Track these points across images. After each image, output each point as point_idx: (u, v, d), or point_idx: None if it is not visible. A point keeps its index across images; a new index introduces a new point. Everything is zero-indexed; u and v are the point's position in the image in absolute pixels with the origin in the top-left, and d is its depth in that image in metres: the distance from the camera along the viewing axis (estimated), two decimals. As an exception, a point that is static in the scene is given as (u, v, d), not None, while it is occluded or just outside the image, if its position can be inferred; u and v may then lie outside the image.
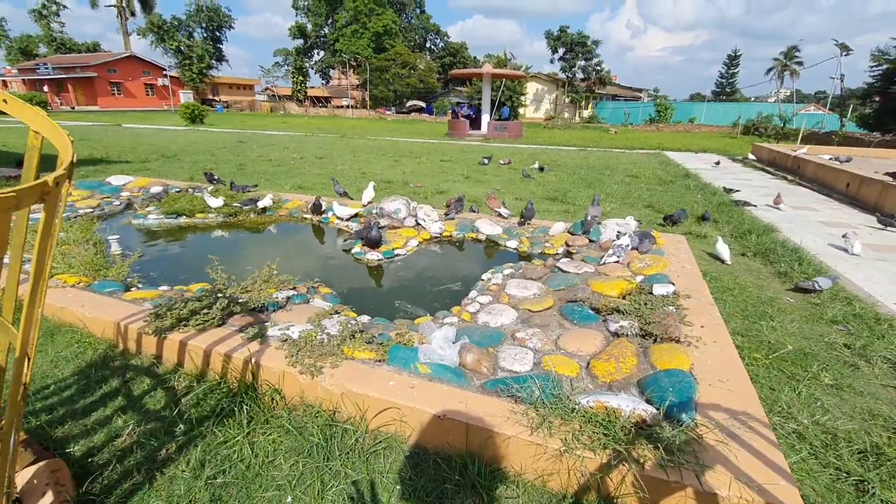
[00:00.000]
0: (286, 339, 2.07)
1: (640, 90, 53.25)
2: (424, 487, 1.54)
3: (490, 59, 43.11)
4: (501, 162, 10.61)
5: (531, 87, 43.06)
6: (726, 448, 1.46)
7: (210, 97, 48.57)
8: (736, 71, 62.52)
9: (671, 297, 2.65)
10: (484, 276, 3.27)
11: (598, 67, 42.82)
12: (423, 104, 46.38)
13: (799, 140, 20.04)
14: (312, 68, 55.30)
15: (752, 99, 56.66)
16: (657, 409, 1.60)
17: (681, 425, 1.52)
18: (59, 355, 2.26)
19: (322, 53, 54.29)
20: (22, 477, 1.43)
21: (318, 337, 2.06)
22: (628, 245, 3.47)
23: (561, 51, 43.16)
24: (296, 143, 15.14)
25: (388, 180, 8.21)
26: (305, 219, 4.93)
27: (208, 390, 1.98)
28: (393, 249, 3.82)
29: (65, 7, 51.82)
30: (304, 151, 12.44)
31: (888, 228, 5.75)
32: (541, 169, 9.80)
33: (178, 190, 5.43)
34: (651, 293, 2.71)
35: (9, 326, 1.09)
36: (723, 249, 4.27)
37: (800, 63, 50.10)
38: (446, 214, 4.61)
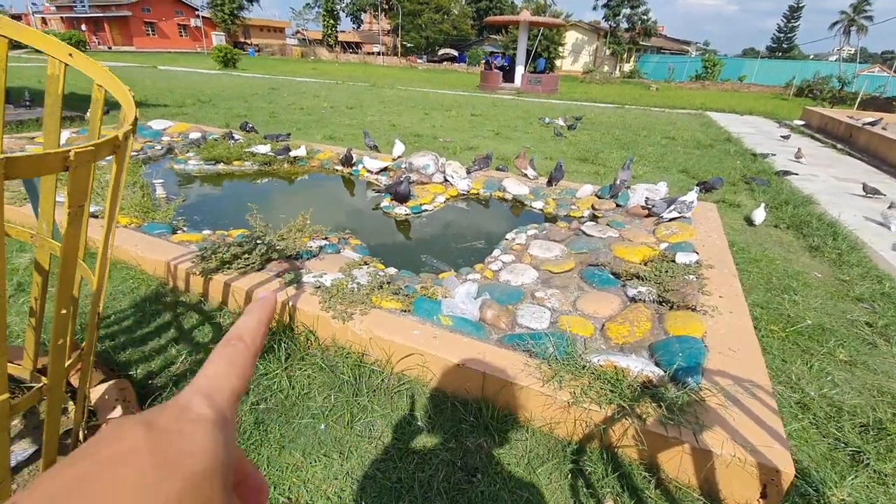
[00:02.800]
0: (319, 286, 2.23)
1: (687, 43, 49.90)
2: (442, 425, 1.70)
3: (528, 4, 40.83)
4: (561, 123, 9.99)
5: (570, 37, 40.86)
6: (727, 412, 1.56)
7: (241, 40, 48.03)
8: (796, 25, 57.61)
9: (693, 266, 2.67)
10: (508, 236, 3.34)
11: (645, 17, 40.18)
12: (455, 53, 44.77)
13: (856, 105, 18.66)
14: (343, 11, 53.57)
15: (812, 56, 52.37)
16: (665, 371, 1.70)
17: (685, 388, 1.61)
18: (116, 289, 2.48)
19: (354, -6, 52.34)
20: (95, 392, 1.65)
21: (349, 286, 2.21)
22: (693, 202, 3.50)
23: (606, -3, 40.48)
24: (326, 91, 15.02)
25: (418, 133, 8.17)
26: (336, 170, 5.04)
27: (250, 328, 2.17)
28: (421, 205, 3.91)
29: (98, -60, 50.95)
30: (334, 100, 12.38)
31: (873, 196, 5.63)
32: (570, 127, 9.52)
33: (215, 137, 5.58)
34: (673, 261, 2.74)
35: (84, 266, 1.25)
36: (758, 214, 4.26)
37: (869, 18, 45.76)
38: (468, 170, 4.62)
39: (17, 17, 46.57)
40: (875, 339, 2.68)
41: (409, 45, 45.20)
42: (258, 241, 2.51)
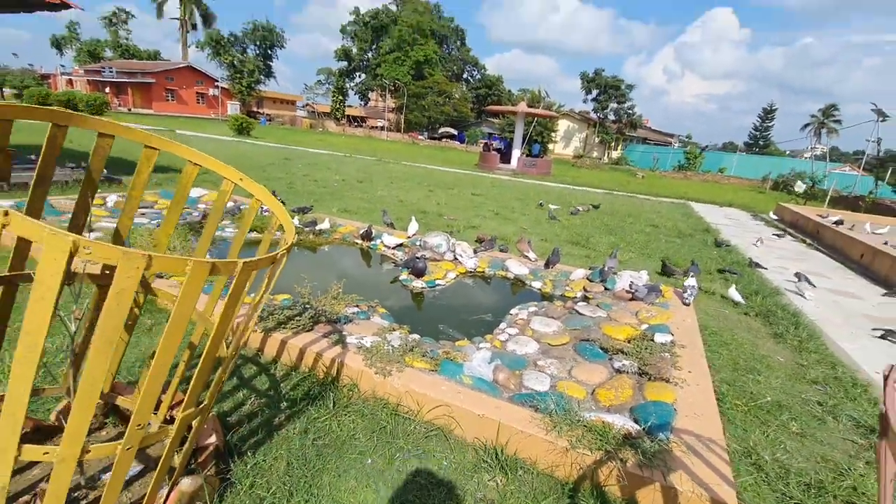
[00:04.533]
0: (361, 346, 2.70)
1: (671, 135, 53.73)
2: (465, 465, 2.11)
3: (524, 94, 44.45)
4: (580, 209, 10.93)
5: (562, 124, 44.05)
6: (688, 459, 2.00)
7: (255, 109, 51.13)
8: (770, 125, 62.46)
9: (668, 345, 3.18)
10: (512, 311, 3.85)
11: (630, 111, 43.66)
12: (454, 132, 47.88)
13: (826, 202, 20.16)
14: (352, 89, 57.75)
15: (788, 153, 56.11)
16: (641, 427, 2.15)
17: (657, 440, 2.06)
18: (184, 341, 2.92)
19: (363, 76, 56.74)
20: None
21: (385, 347, 2.68)
22: (695, 286, 4.29)
23: (594, 92, 44.26)
24: (336, 163, 16.13)
25: (424, 210, 8.91)
26: (356, 243, 5.63)
27: (301, 379, 2.61)
28: (435, 280, 4.45)
29: (133, 17, 55.80)
30: (345, 174, 13.34)
31: (801, 282, 6.15)
32: (572, 213, 10.42)
33: (245, 206, 6.21)
34: (652, 340, 3.25)
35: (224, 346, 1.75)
36: (733, 294, 5.15)
37: (838, 122, 49.82)
38: (475, 251, 5.23)
39: (45, 77, 49.55)
40: (824, 416, 3.14)
41: (413, 120, 48.35)
42: (307, 306, 3.00)
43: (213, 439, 1.97)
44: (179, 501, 1.61)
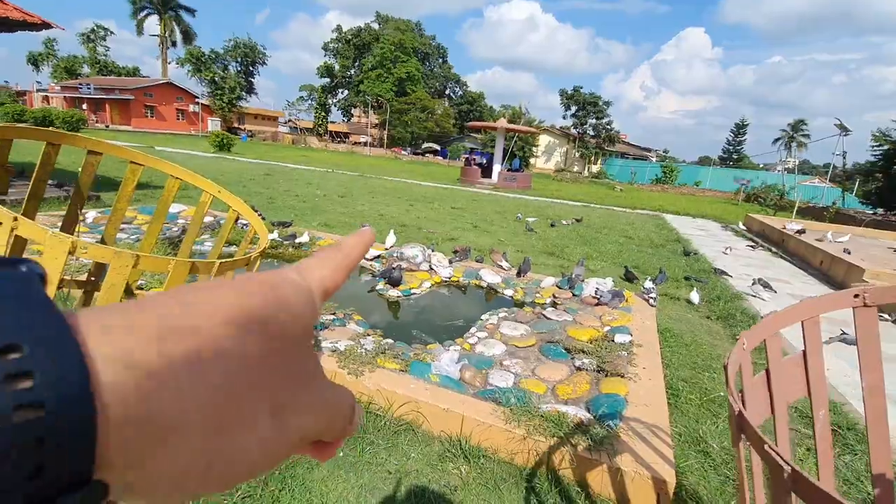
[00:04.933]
0: (335, 350, 2.84)
1: (648, 150, 55.28)
2: (430, 455, 2.27)
3: (505, 110, 45.41)
4: (564, 222, 11.39)
5: (543, 139, 45.00)
6: (634, 443, 2.19)
7: (236, 125, 51.01)
8: (743, 139, 64.67)
9: (627, 344, 3.40)
10: (483, 317, 4.04)
11: (609, 127, 44.80)
12: (437, 147, 48.46)
13: (794, 213, 20.97)
14: (335, 105, 58.13)
15: (761, 166, 58.00)
16: (593, 416, 2.34)
17: (606, 426, 2.25)
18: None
19: (346, 92, 57.23)
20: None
21: (359, 350, 2.83)
22: (654, 288, 4.54)
23: (573, 108, 45.35)
24: (318, 178, 16.26)
25: (404, 224, 9.10)
26: (335, 255, 5.76)
27: (278, 382, 2.74)
28: (410, 289, 4.62)
29: (112, 33, 55.53)
30: (326, 189, 13.48)
31: (755, 285, 6.58)
32: (552, 225, 10.73)
33: (222, 221, 6.32)
34: (612, 341, 3.46)
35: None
36: (694, 297, 5.41)
37: (806, 136, 51.86)
38: (450, 261, 5.43)
39: (21, 94, 48.77)
40: (772, 409, 3.38)
41: (395, 136, 48.86)
42: (284, 313, 3.13)
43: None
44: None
